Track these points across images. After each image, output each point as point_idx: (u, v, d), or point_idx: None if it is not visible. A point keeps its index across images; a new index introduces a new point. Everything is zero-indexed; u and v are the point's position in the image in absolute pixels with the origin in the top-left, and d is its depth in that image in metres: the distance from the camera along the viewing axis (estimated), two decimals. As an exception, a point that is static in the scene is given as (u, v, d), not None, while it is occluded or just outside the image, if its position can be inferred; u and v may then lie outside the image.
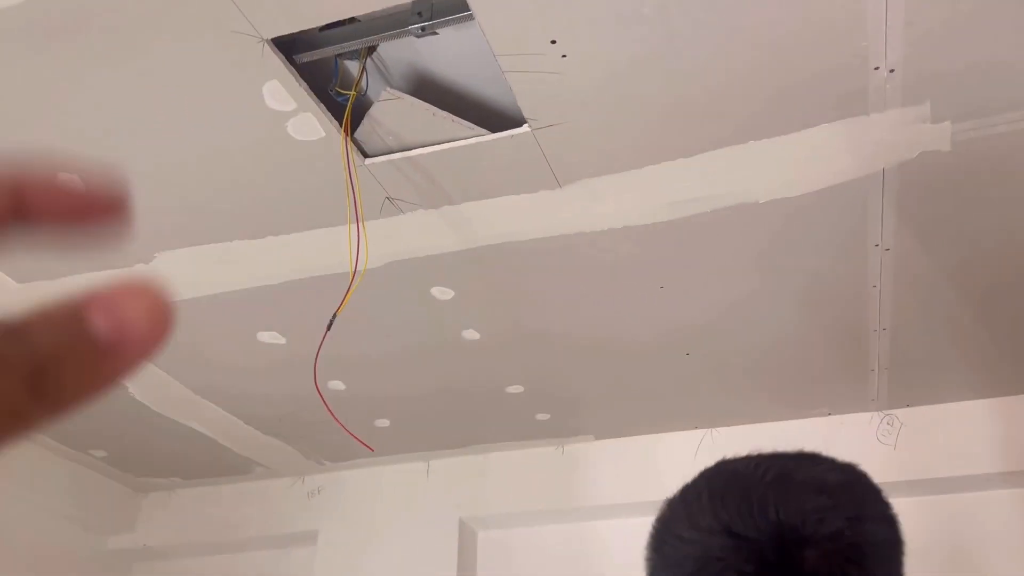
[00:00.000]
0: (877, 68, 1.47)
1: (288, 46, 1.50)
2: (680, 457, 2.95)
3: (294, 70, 1.51)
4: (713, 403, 2.78)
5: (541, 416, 2.88)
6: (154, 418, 2.84)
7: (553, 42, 1.44)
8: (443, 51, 1.65)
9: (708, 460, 2.85)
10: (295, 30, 1.43)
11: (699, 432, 2.95)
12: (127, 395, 2.67)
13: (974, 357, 2.40)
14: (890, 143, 1.64)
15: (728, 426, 2.93)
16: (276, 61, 1.48)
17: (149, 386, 2.63)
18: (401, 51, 1.67)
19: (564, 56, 1.47)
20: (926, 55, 1.44)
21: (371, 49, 1.62)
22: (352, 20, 1.52)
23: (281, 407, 2.76)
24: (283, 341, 2.37)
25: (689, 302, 2.19)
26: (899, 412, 2.74)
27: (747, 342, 2.37)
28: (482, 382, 2.63)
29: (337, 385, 2.63)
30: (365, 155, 1.73)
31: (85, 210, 0.30)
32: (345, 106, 1.60)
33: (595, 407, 2.82)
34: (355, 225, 1.66)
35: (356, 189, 1.65)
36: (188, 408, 2.77)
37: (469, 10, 1.40)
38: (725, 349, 2.41)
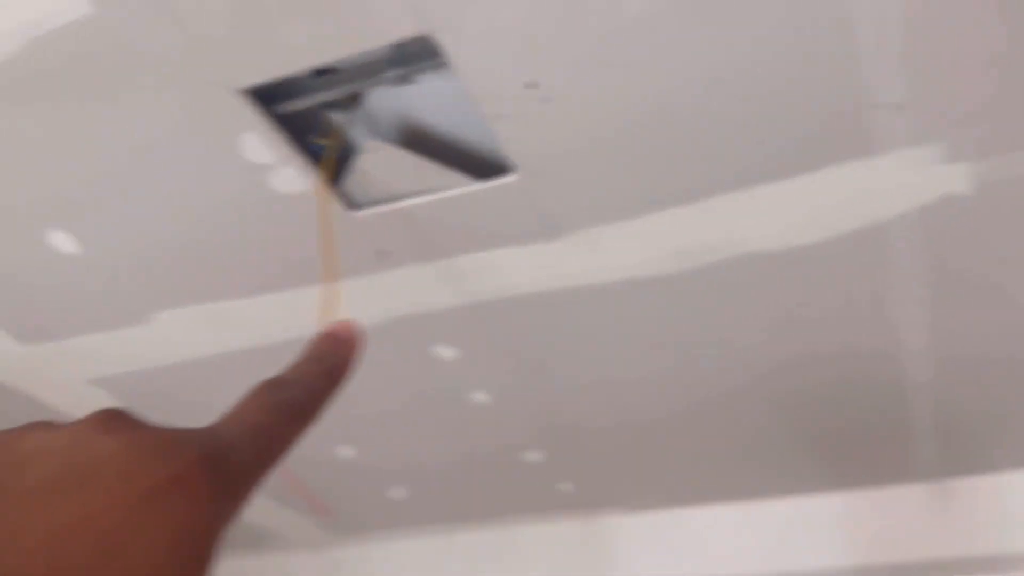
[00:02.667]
0: (877, 106, 1.36)
1: (269, 97, 1.48)
2: (722, 532, 2.77)
3: (272, 120, 1.48)
4: (755, 473, 2.60)
5: (564, 486, 2.73)
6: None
7: (531, 85, 1.38)
8: (427, 100, 1.61)
9: (753, 537, 2.63)
10: (268, 79, 1.40)
11: (739, 505, 2.75)
12: (140, 462, 2.63)
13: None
14: (905, 187, 1.52)
15: (773, 497, 2.73)
16: (252, 112, 1.45)
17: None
18: (387, 100, 1.63)
19: (545, 100, 1.41)
20: (934, 88, 1.34)
21: (354, 98, 1.59)
22: (333, 71, 1.49)
23: (292, 472, 2.69)
24: (289, 405, 2.31)
25: (709, 362, 2.05)
26: (953, 482, 2.51)
27: (776, 408, 2.21)
28: (497, 448, 2.51)
29: (348, 452, 2.54)
30: (354, 207, 1.69)
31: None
32: (322, 158, 1.56)
33: (623, 477, 2.67)
34: (341, 280, 1.60)
35: (330, 244, 1.60)
36: (201, 476, 2.71)
37: (440, 56, 1.35)
38: (755, 414, 2.26)
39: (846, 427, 2.30)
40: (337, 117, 1.61)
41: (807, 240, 1.66)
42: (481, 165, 1.65)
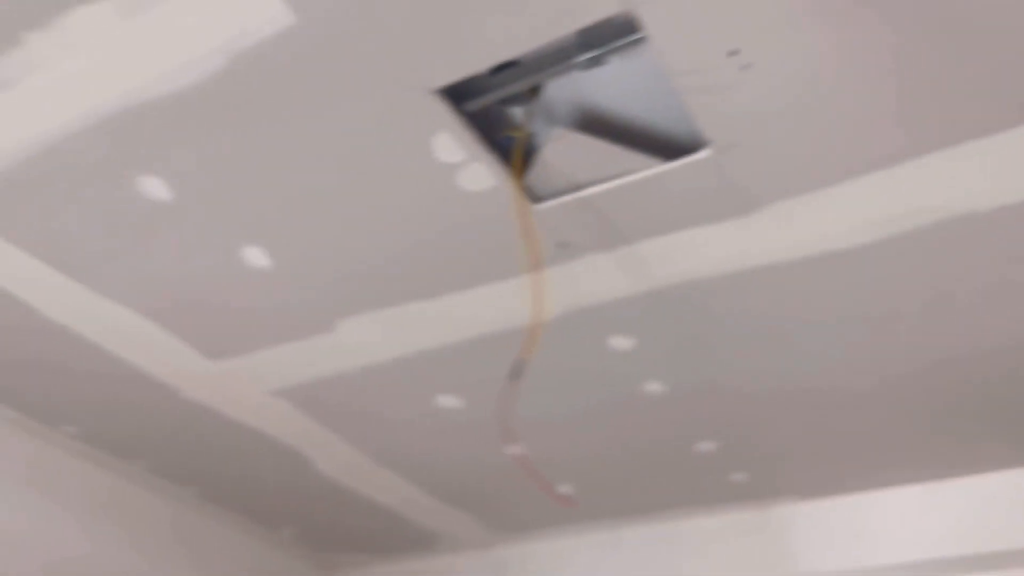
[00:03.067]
0: None
1: (457, 96, 1.48)
2: (903, 517, 2.62)
3: (464, 119, 1.48)
4: (944, 451, 2.45)
5: (738, 476, 2.64)
6: (339, 492, 2.86)
7: (734, 53, 1.33)
8: (607, 84, 1.57)
9: (940, 519, 2.45)
10: (461, 76, 1.40)
11: (926, 487, 2.60)
12: (313, 470, 2.71)
13: None
14: None
15: (961, 477, 2.57)
16: (444, 111, 1.45)
17: (334, 459, 2.65)
18: (564, 91, 1.60)
19: (746, 68, 1.35)
20: None
21: (535, 91, 1.57)
22: (514, 64, 1.48)
23: (462, 474, 2.70)
24: (461, 404, 2.32)
25: (909, 333, 1.94)
26: None
27: (985, 374, 2.06)
28: (669, 440, 2.46)
29: (514, 450, 2.54)
30: (536, 200, 1.67)
31: None
32: (513, 151, 1.55)
33: (800, 464, 2.56)
34: (533, 273, 1.58)
35: (532, 234, 1.58)
36: (371, 479, 2.77)
37: (639, 32, 1.32)
38: (954, 384, 2.11)
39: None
40: (519, 111, 1.60)
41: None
42: (666, 146, 1.60)
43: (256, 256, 1.81)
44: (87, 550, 2.82)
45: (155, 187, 1.65)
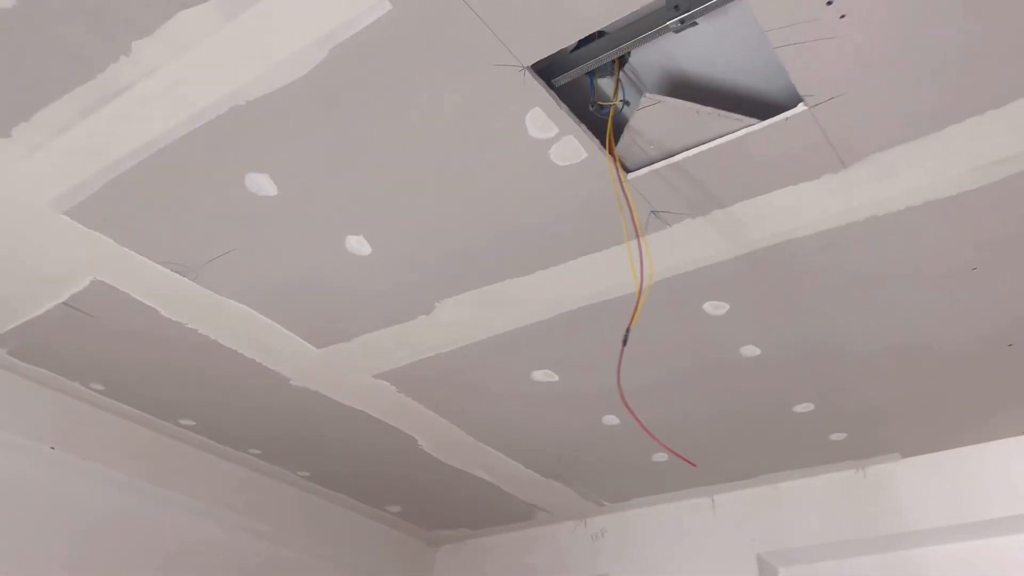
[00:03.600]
0: None
1: (544, 72, 1.50)
2: (1010, 467, 2.55)
3: (554, 94, 1.50)
4: (1047, 402, 2.37)
5: (836, 436, 2.62)
6: (442, 469, 2.94)
7: (829, 2, 1.31)
8: (694, 48, 1.57)
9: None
10: (553, 51, 1.41)
11: (1030, 438, 2.53)
12: (417, 448, 2.79)
13: None
14: None
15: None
16: (537, 87, 1.48)
17: (435, 437, 2.73)
18: (650, 56, 1.61)
19: (843, 16, 1.33)
20: None
21: (622, 61, 1.57)
22: (600, 35, 1.49)
23: (558, 447, 2.75)
24: (556, 378, 2.36)
25: (1010, 283, 1.89)
26: None
27: (1091, 321, 2.00)
28: (766, 402, 2.44)
29: (611, 420, 2.56)
30: (626, 170, 1.68)
31: None
32: (605, 122, 1.56)
33: (899, 421, 2.52)
34: (634, 241, 1.59)
35: (630, 202, 1.59)
36: (471, 455, 2.84)
37: (729, -9, 1.31)
38: (1062, 333, 2.05)
39: None
40: (607, 80, 1.60)
41: None
42: (758, 106, 1.59)
43: (358, 244, 1.88)
44: (215, 534, 2.98)
45: (262, 183, 1.72)
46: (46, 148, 1.66)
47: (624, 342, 1.52)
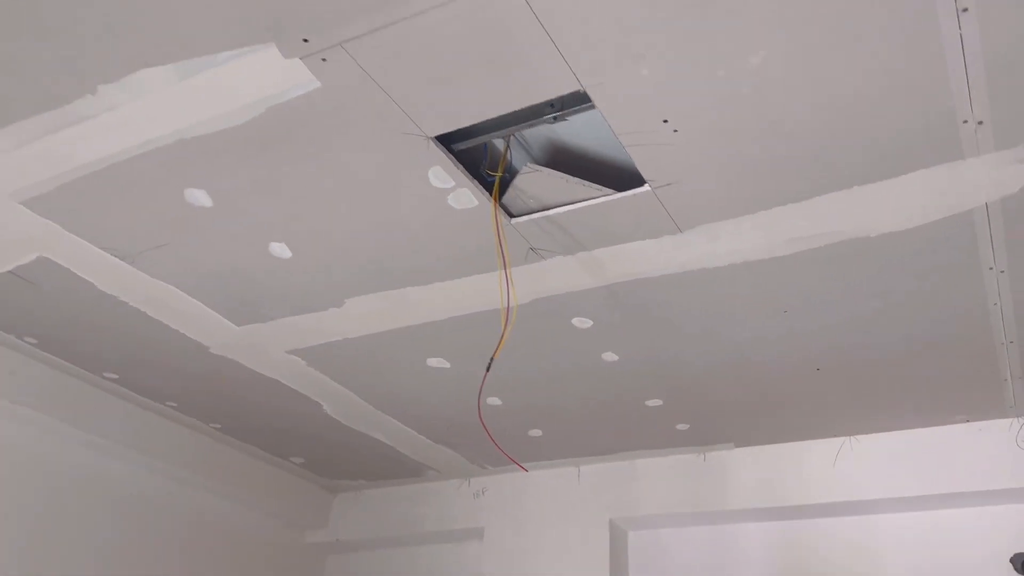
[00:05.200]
0: (966, 122, 1.61)
1: (447, 136, 1.84)
2: (820, 464, 3.08)
3: (452, 157, 1.85)
4: (849, 412, 2.90)
5: (681, 426, 3.11)
6: (344, 431, 3.32)
7: (665, 121, 1.69)
8: (574, 128, 1.93)
9: (848, 467, 2.99)
10: (453, 129, 1.76)
11: (839, 440, 3.07)
12: (321, 412, 3.15)
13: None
14: (990, 181, 1.77)
15: (866, 434, 3.04)
16: (439, 152, 1.82)
17: (338, 404, 3.09)
18: (539, 128, 1.97)
19: (675, 131, 1.72)
20: (1013, 106, 1.58)
21: (514, 133, 1.92)
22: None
23: (448, 419, 3.16)
24: (448, 365, 2.74)
25: (814, 324, 2.36)
26: (1042, 420, 2.75)
27: (877, 357, 2.50)
28: (623, 397, 2.90)
29: (495, 401, 2.98)
30: (511, 216, 2.05)
31: None
32: (494, 180, 1.92)
33: (733, 418, 3.02)
34: (504, 275, 1.97)
35: (504, 246, 1.97)
36: (371, 421, 3.22)
37: (591, 102, 1.68)
38: (854, 364, 2.55)
39: (937, 375, 2.57)
40: (500, 146, 1.96)
41: (904, 227, 1.93)
42: (619, 178, 1.97)
43: (280, 249, 2.19)
44: (123, 471, 3.28)
45: (199, 196, 2.01)
46: (12, 154, 1.91)
47: (488, 368, 1.91)
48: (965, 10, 1.38)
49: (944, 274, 2.09)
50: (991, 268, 2.04)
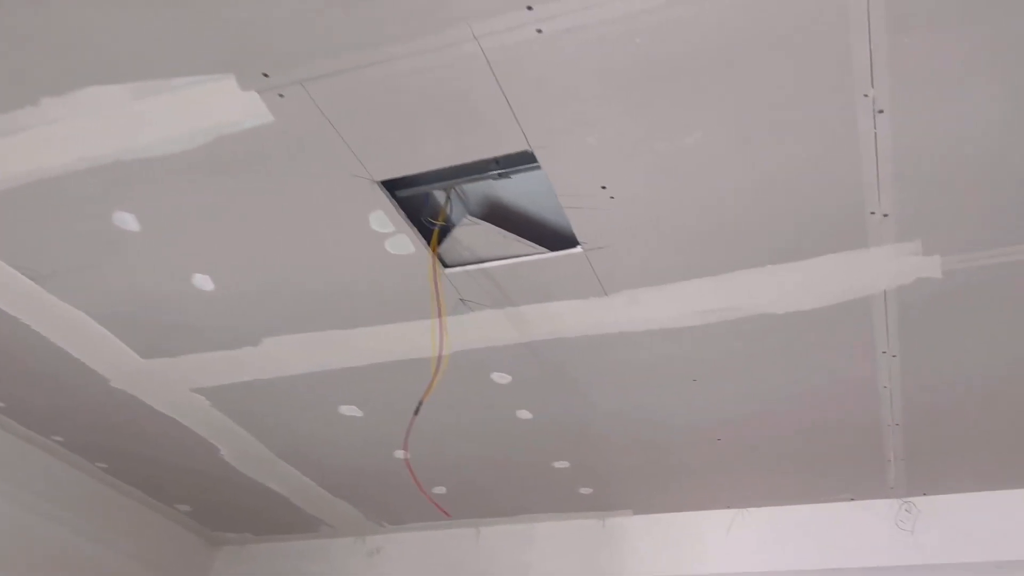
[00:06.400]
0: (873, 213, 1.78)
1: (393, 182, 1.88)
2: (713, 535, 3.18)
3: (395, 203, 1.88)
4: (743, 485, 3.03)
5: (584, 490, 3.15)
6: (238, 478, 3.19)
7: (603, 187, 1.79)
8: (515, 187, 2.01)
9: (739, 539, 3.07)
10: (400, 176, 1.80)
11: (731, 512, 3.18)
12: (217, 456, 3.03)
13: (983, 451, 2.63)
14: (889, 270, 1.94)
15: (758, 507, 3.17)
16: (382, 196, 1.85)
17: (237, 448, 2.98)
18: (482, 185, 2.03)
19: (612, 197, 1.82)
20: (916, 201, 1.75)
21: (458, 185, 1.98)
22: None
23: (352, 471, 3.09)
24: (360, 414, 2.71)
25: (718, 394, 2.47)
26: (917, 500, 2.95)
27: (772, 432, 2.64)
28: (532, 456, 2.93)
29: (401, 454, 2.95)
30: (445, 265, 2.09)
31: None
32: (434, 228, 1.96)
33: (634, 484, 3.09)
34: (438, 322, 2.00)
35: (441, 294, 2.00)
36: (269, 469, 3.12)
37: (537, 163, 1.76)
38: (752, 437, 2.68)
39: (825, 453, 2.73)
40: (442, 196, 2.01)
41: (808, 307, 2.08)
42: (552, 238, 2.05)
43: (203, 281, 2.15)
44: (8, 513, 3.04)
45: (127, 220, 1.96)
46: (-71, 157, 1.82)
47: (416, 412, 1.92)
48: (881, 111, 1.55)
49: (841, 354, 2.25)
50: (884, 352, 2.21)
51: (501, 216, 2.08)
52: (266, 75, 1.59)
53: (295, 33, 1.51)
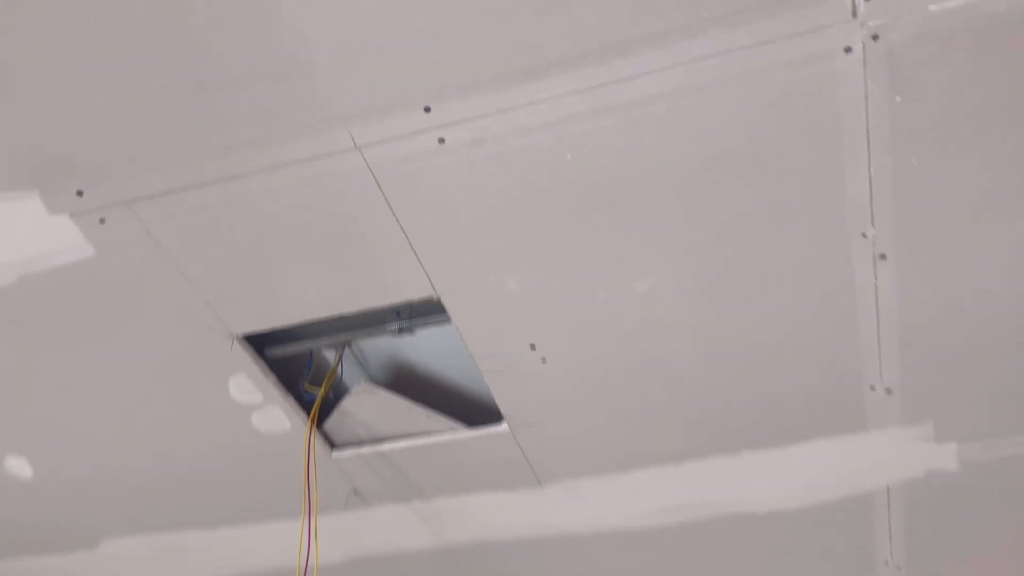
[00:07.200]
0: (873, 388, 1.40)
1: (259, 337, 1.46)
2: None
3: (263, 364, 1.45)
4: None
5: None
6: None
7: (533, 347, 1.39)
8: (423, 344, 1.60)
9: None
10: (266, 328, 1.39)
11: None
12: None
13: None
14: (894, 460, 1.54)
15: None
16: (245, 356, 1.42)
17: None
18: (380, 342, 1.62)
19: (544, 360, 1.41)
20: (927, 374, 1.38)
21: (348, 342, 1.57)
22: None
23: None
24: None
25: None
26: None
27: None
28: None
29: None
30: (333, 446, 1.63)
31: None
32: (314, 398, 1.52)
33: None
34: (308, 522, 1.52)
35: (314, 486, 1.53)
36: None
37: (446, 313, 1.36)
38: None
39: None
40: (327, 355, 1.59)
41: (795, 505, 1.65)
42: (471, 412, 1.62)
43: (19, 466, 1.65)
44: None
45: (-90, 382, 1.50)
46: None
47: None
48: (883, 256, 1.20)
49: (835, 566, 1.80)
50: (887, 562, 1.77)
51: (406, 381, 1.66)
52: (80, 193, 1.20)
53: (117, 134, 1.13)
